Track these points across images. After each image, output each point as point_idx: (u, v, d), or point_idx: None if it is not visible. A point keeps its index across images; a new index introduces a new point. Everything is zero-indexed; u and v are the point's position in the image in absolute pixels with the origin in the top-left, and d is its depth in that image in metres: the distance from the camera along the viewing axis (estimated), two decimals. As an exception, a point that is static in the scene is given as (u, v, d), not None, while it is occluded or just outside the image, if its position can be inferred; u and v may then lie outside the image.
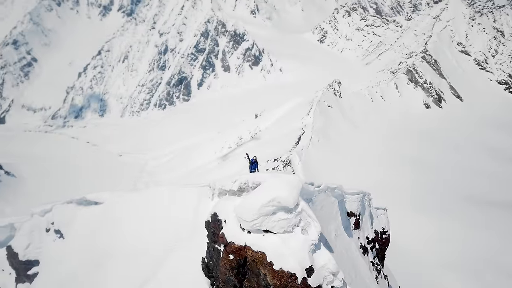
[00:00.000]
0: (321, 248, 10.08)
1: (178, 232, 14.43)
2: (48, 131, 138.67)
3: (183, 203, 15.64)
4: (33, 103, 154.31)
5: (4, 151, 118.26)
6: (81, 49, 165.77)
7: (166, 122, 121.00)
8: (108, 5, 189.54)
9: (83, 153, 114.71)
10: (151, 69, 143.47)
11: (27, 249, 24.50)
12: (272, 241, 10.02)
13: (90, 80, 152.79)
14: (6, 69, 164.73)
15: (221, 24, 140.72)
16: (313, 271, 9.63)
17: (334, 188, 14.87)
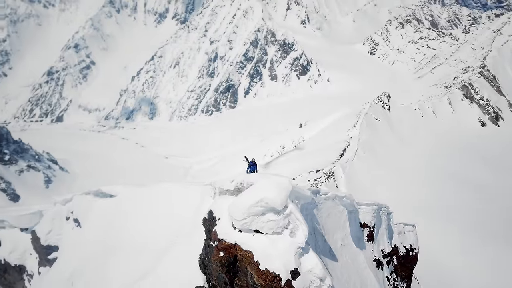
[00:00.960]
0: (309, 252, 9.99)
1: (180, 228, 14.69)
2: (101, 131, 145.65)
3: (187, 200, 15.97)
4: (89, 104, 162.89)
5: (61, 147, 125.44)
6: (136, 54, 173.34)
7: (212, 128, 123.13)
8: (164, 13, 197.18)
9: (132, 153, 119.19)
10: (201, 76, 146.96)
11: (49, 234, 26.03)
12: (261, 241, 10.10)
13: (142, 84, 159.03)
14: (67, 70, 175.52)
15: (270, 33, 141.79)
16: (298, 274, 9.63)
17: (343, 197, 14.57)
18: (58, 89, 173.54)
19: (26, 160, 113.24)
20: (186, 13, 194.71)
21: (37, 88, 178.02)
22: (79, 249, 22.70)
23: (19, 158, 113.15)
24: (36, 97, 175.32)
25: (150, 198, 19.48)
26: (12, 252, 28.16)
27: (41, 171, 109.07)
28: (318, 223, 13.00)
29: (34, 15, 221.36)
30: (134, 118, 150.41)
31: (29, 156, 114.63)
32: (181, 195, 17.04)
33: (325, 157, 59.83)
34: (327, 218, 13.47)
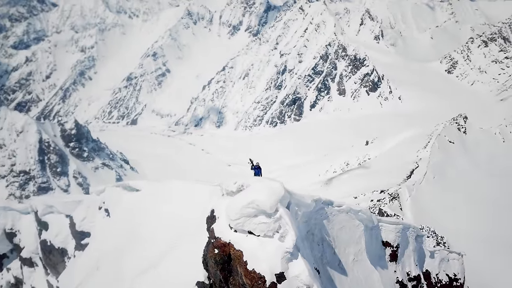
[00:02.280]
0: (298, 258, 10.02)
1: (188, 225, 15.12)
2: (171, 136, 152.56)
3: (197, 198, 16.47)
4: (162, 109, 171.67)
5: (133, 148, 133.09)
6: (208, 64, 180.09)
7: (276, 140, 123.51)
8: (237, 25, 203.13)
9: (197, 159, 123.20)
10: (268, 88, 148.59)
11: (83, 221, 28.22)
12: (252, 242, 10.34)
13: (212, 93, 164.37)
14: (144, 77, 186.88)
15: (342, 48, 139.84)
16: (284, 278, 9.74)
17: (358, 211, 14.38)
18: (135, 94, 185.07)
19: (102, 158, 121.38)
20: (259, 26, 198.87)
21: (117, 92, 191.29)
22: (106, 237, 24.42)
23: (95, 156, 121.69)
24: (115, 100, 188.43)
25: (166, 194, 20.66)
26: (57, 235, 30.72)
27: (114, 169, 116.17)
28: (328, 234, 13.04)
29: (120, 25, 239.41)
30: (202, 126, 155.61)
31: (104, 154, 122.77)
32: (193, 193, 17.92)
33: (391, 177, 57.08)
34: (340, 230, 13.44)
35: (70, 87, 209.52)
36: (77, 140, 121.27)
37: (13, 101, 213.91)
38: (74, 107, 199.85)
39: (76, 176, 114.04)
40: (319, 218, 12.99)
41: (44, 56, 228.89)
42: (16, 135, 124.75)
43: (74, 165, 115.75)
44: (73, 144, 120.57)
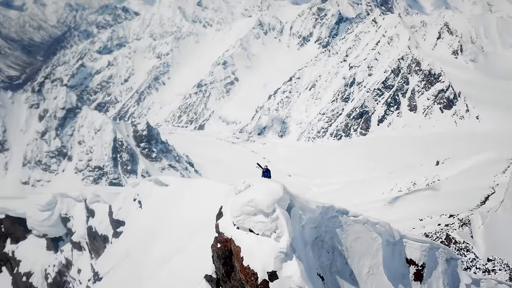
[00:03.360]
0: (293, 260, 10.16)
1: (204, 221, 15.43)
2: (235, 143, 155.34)
3: (216, 197, 16.80)
4: (228, 116, 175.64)
5: (198, 153, 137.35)
6: (275, 74, 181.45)
7: (339, 153, 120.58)
8: (307, 36, 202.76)
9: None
10: (334, 100, 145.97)
11: (119, 211, 30.22)
12: (251, 240, 10.65)
13: (278, 103, 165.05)
14: (214, 84, 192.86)
15: (415, 62, 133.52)
16: (276, 277, 9.95)
17: (375, 223, 14.16)
18: (204, 100, 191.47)
19: (169, 160, 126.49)
20: (329, 37, 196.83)
21: (187, 97, 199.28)
22: (137, 227, 26.11)
23: (163, 157, 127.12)
24: (185, 105, 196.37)
25: (190, 191, 22.06)
26: (100, 223, 33.05)
27: (179, 171, 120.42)
28: (340, 243, 12.99)
29: (194, 34, 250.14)
30: (265, 134, 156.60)
31: (171, 156, 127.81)
32: (213, 191, 18.69)
33: (462, 202, 52.86)
34: (355, 241, 13.31)
35: (145, 91, 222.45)
36: (148, 141, 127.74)
37: (94, 102, 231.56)
38: (147, 109, 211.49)
39: (144, 175, 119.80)
40: (331, 226, 13.01)
41: (124, 61, 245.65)
42: (94, 133, 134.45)
43: (143, 164, 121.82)
44: (143, 144, 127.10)
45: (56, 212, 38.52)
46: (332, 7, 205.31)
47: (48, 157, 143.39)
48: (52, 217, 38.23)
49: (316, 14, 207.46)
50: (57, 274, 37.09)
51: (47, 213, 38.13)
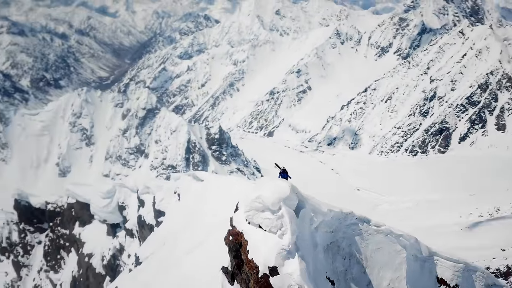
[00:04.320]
0: (295, 258, 10.32)
1: (226, 215, 15.90)
2: (303, 151, 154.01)
3: (241, 192, 17.30)
4: (298, 124, 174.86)
5: (266, 159, 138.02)
6: (350, 84, 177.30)
7: (414, 170, 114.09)
8: (387, 47, 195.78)
9: (326, 177, 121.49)
10: (412, 114, 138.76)
11: (161, 202, 32.47)
12: (258, 235, 11.03)
13: (350, 114, 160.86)
14: (286, 92, 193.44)
15: (507, 77, 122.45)
16: (277, 273, 10.20)
17: (399, 235, 13.86)
18: (275, 107, 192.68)
19: (237, 164, 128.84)
20: (410, 49, 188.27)
21: (259, 104, 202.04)
22: (174, 218, 27.94)
23: (232, 160, 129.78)
24: (256, 112, 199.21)
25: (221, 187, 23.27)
26: (148, 213, 34.84)
27: (246, 175, 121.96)
28: (359, 251, 12.89)
29: (271, 42, 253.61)
30: (335, 145, 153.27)
31: (240, 160, 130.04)
32: (240, 188, 19.61)
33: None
34: (376, 251, 13.10)
35: (219, 96, 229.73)
36: (219, 144, 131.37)
37: (172, 104, 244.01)
38: (221, 114, 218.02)
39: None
40: (350, 233, 13.03)
41: (202, 66, 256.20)
42: (170, 133, 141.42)
43: (213, 166, 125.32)
44: (215, 147, 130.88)
45: (114, 200, 41.48)
46: (416, 18, 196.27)
47: (127, 153, 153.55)
48: (111, 205, 41.33)
49: (398, 24, 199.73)
50: (112, 257, 39.65)
51: (107, 200, 41.20)
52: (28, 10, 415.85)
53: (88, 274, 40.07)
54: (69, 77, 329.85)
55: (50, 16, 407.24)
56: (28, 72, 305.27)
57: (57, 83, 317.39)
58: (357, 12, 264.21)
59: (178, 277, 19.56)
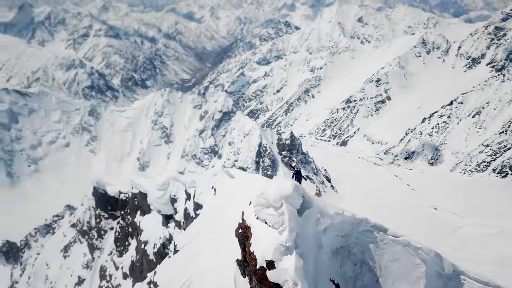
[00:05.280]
0: (292, 254, 10.52)
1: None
2: (377, 164, 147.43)
3: None
4: (374, 135, 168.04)
5: (337, 168, 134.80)
6: (434, 96, 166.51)
7: (502, 192, 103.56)
8: (478, 58, 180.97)
9: (400, 193, 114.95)
10: (503, 131, 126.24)
11: (200, 195, 34.02)
12: (262, 230, 11.43)
13: (432, 127, 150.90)
14: (363, 101, 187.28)
15: None
16: (273, 267, 10.54)
17: (418, 248, 13.41)
18: (351, 116, 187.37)
19: (307, 171, 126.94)
20: (505, 60, 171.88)
21: (334, 112, 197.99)
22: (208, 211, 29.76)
23: (301, 167, 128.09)
24: (331, 120, 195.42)
25: (248, 185, 23.74)
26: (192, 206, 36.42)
27: (315, 183, 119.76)
28: (373, 259, 12.76)
29: (351, 49, 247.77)
30: (413, 160, 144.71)
31: (310, 168, 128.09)
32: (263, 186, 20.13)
33: None
34: (392, 262, 12.89)
35: (294, 102, 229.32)
36: (289, 150, 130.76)
37: (247, 108, 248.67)
38: (294, 120, 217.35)
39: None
40: (364, 240, 12.94)
41: (279, 72, 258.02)
42: (243, 136, 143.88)
43: (282, 171, 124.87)
44: (285, 153, 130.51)
45: (168, 192, 43.80)
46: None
47: (202, 152, 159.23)
48: (164, 197, 43.89)
49: (493, 34, 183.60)
50: (161, 246, 41.77)
51: (161, 192, 43.77)
52: (123, 15, 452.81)
53: (143, 260, 42.47)
54: (154, 78, 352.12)
55: (142, 21, 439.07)
56: (119, 72, 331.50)
57: (143, 83, 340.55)
58: (447, 20, 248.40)
59: (198, 268, 20.91)
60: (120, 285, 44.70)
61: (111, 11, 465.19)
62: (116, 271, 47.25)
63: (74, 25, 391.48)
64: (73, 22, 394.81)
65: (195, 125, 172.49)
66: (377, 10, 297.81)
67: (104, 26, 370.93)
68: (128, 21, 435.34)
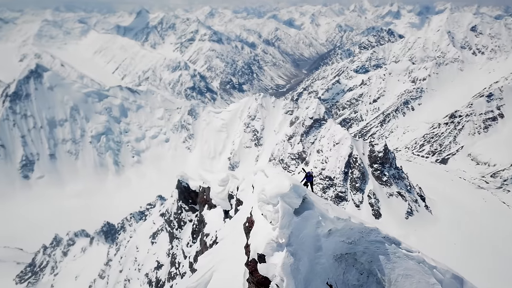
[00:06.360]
0: (283, 251, 10.81)
1: None
2: (482, 187, 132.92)
3: None
4: (480, 155, 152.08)
5: (434, 188, 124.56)
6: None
7: None
8: None
9: (507, 222, 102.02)
10: None
11: (241, 191, 35.62)
12: (262, 224, 11.95)
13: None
14: (470, 117, 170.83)
15: None
16: (264, 261, 11.03)
17: (433, 266, 12.59)
18: (454, 133, 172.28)
19: (399, 187, 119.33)
20: None
21: (435, 127, 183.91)
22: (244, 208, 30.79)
23: (394, 183, 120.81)
24: (431, 135, 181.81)
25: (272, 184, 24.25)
26: None
27: (408, 201, 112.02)
28: (382, 272, 12.39)
29: (460, 61, 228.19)
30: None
31: (403, 184, 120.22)
32: None
33: None
34: (404, 278, 12.37)
35: (391, 114, 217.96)
36: (382, 163, 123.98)
37: (340, 116, 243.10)
38: (389, 132, 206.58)
39: (370, 195, 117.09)
40: (373, 250, 12.66)
41: (377, 81, 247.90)
42: (333, 145, 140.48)
43: (372, 185, 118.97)
44: (376, 166, 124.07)
45: (226, 189, 44.51)
46: None
47: (289, 158, 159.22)
48: (223, 192, 44.94)
49: None
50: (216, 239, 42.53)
51: (221, 188, 44.77)
52: (228, 21, 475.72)
53: (203, 251, 43.93)
54: (251, 82, 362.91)
55: (244, 27, 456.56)
56: (219, 75, 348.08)
57: (240, 87, 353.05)
58: None
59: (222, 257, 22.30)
60: (185, 273, 47.37)
61: (217, 17, 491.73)
62: (184, 259, 49.91)
63: (182, 29, 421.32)
64: (181, 27, 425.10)
65: (284, 130, 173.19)
66: (494, 18, 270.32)
67: (209, 31, 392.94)
68: (231, 26, 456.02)
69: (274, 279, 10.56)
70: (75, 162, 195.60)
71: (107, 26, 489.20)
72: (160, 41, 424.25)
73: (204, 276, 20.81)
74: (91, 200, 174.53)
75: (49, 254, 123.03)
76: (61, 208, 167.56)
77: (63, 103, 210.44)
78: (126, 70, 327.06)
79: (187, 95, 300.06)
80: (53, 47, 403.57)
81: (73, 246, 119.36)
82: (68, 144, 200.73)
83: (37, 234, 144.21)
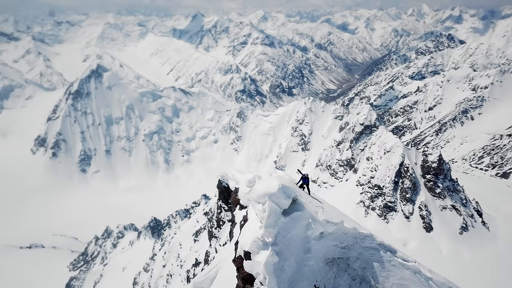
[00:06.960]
0: (268, 250, 10.88)
1: None
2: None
3: None
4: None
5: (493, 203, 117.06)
6: None
7: None
8: None
9: None
10: None
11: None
12: (252, 222, 12.21)
13: None
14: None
15: None
16: (249, 258, 11.23)
17: (429, 278, 12.17)
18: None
19: (453, 201, 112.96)
20: None
21: (497, 138, 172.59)
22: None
23: (448, 195, 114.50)
24: (491, 147, 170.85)
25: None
26: None
27: (462, 216, 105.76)
28: (375, 279, 12.03)
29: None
30: None
31: (458, 197, 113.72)
32: None
33: None
34: (399, 286, 11.89)
35: (448, 123, 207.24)
36: (435, 174, 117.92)
37: (392, 124, 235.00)
38: (445, 142, 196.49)
39: (421, 207, 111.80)
40: (367, 256, 12.42)
41: (434, 88, 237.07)
42: (383, 153, 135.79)
43: (423, 197, 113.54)
44: (429, 176, 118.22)
45: (253, 189, 43.12)
46: None
47: (337, 164, 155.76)
48: (250, 194, 43.34)
49: None
50: None
51: (248, 188, 42.84)
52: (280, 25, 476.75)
53: None
54: (301, 86, 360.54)
55: (297, 31, 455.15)
56: (270, 78, 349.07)
57: (290, 90, 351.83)
58: None
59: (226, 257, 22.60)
60: (217, 271, 48.09)
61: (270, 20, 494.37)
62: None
63: (235, 33, 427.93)
64: (235, 31, 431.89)
65: (333, 135, 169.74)
66: None
67: (262, 35, 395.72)
68: (284, 30, 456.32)
69: (258, 277, 10.71)
70: (128, 159, 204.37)
71: (164, 29, 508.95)
72: (213, 44, 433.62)
73: (211, 272, 21.00)
74: (141, 195, 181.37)
75: (100, 245, 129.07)
76: (113, 202, 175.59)
77: (120, 102, 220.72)
78: (180, 72, 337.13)
79: (237, 98, 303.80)
80: (114, 48, 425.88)
81: (122, 239, 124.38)
82: (123, 141, 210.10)
83: (90, 225, 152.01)
